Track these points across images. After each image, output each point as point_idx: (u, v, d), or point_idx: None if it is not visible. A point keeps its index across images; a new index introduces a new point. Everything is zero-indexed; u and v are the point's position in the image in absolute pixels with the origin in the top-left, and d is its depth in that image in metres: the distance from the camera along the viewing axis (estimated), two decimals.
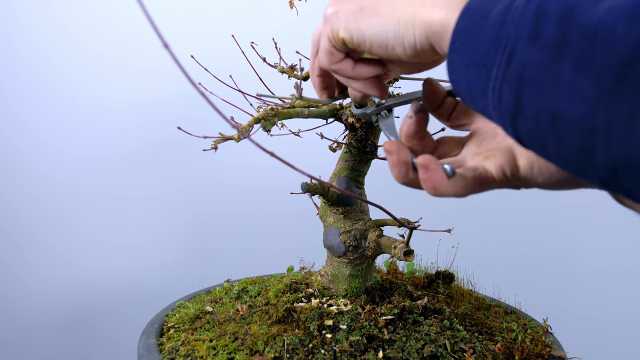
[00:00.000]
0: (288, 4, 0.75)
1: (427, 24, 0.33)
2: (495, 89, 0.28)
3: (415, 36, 0.34)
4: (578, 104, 0.23)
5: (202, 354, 0.63)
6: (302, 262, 1.00)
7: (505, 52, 0.27)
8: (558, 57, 0.24)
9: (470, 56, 0.29)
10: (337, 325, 0.67)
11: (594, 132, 0.23)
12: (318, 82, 0.48)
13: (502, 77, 0.27)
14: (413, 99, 0.47)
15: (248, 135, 0.40)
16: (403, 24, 0.34)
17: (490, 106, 0.29)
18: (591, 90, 0.23)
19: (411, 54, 0.35)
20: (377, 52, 0.37)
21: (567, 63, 0.24)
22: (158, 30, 0.29)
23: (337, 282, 0.77)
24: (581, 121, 0.23)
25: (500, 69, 0.27)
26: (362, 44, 0.37)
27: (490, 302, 0.89)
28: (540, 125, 0.26)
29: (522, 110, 0.26)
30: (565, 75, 0.24)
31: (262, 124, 0.56)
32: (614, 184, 0.24)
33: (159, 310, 0.81)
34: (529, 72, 0.25)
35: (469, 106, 0.33)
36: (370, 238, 0.74)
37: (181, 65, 0.30)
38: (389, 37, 0.35)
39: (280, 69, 0.72)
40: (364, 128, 0.73)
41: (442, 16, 0.32)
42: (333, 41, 0.39)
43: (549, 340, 0.73)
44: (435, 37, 0.33)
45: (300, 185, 0.70)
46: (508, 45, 0.26)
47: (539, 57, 0.25)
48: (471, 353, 0.64)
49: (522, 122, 0.27)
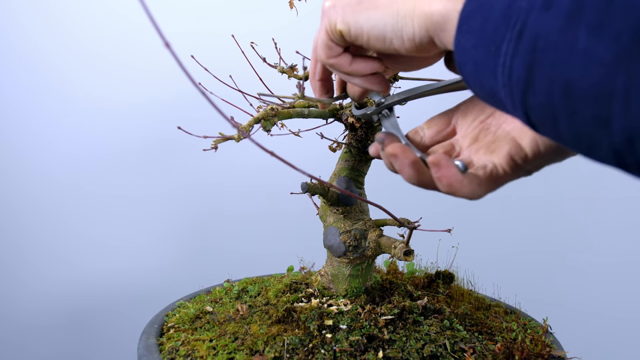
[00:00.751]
0: (288, 4, 0.75)
1: (426, 15, 0.33)
2: (506, 65, 0.27)
3: (414, 28, 0.34)
4: (595, 70, 0.23)
5: (202, 354, 0.63)
6: (302, 262, 1.00)
7: (516, 27, 0.26)
8: (573, 24, 0.24)
9: (478, 36, 0.29)
10: (337, 325, 0.67)
11: (611, 98, 0.23)
12: (318, 86, 0.48)
13: (513, 51, 0.26)
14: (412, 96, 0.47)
15: (248, 135, 0.40)
16: (402, 17, 0.34)
17: (499, 84, 0.28)
18: (609, 54, 0.22)
19: (409, 47, 0.35)
20: (375, 45, 0.37)
21: (582, 29, 0.23)
22: (159, 29, 0.29)
23: (337, 282, 0.77)
24: (598, 87, 0.23)
25: (511, 44, 0.27)
26: (360, 36, 0.37)
27: (490, 302, 0.89)
28: (552, 98, 0.25)
29: (533, 83, 0.26)
30: (580, 42, 0.23)
31: (262, 124, 0.56)
32: (628, 155, 0.24)
33: (159, 310, 0.81)
34: (542, 42, 0.25)
35: (475, 91, 0.32)
36: (370, 238, 0.74)
37: (182, 65, 0.30)
38: (387, 30, 0.35)
39: (280, 69, 0.72)
40: (364, 128, 0.73)
41: (442, 7, 0.32)
42: (331, 34, 0.39)
43: (549, 340, 0.73)
44: (435, 29, 0.33)
45: (300, 185, 0.70)
46: (519, 19, 0.26)
47: (553, 25, 0.24)
48: (471, 353, 0.64)
49: (532, 97, 0.26)
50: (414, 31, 0.34)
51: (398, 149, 0.37)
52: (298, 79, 0.73)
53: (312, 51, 0.47)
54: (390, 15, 0.35)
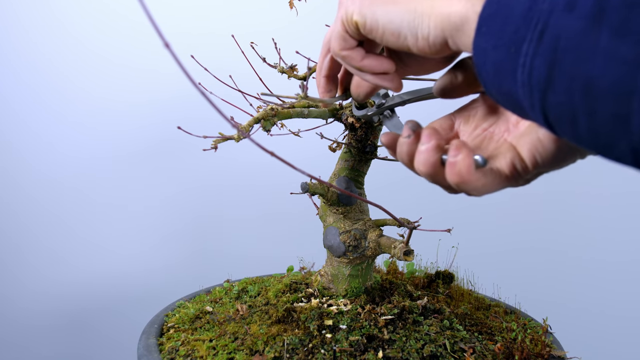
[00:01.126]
0: (288, 4, 0.75)
1: (444, 15, 0.33)
2: (526, 65, 0.28)
3: (430, 27, 0.34)
4: (616, 68, 0.24)
5: (202, 354, 0.63)
6: (302, 262, 1.00)
7: (537, 28, 0.27)
8: (595, 25, 0.24)
9: (498, 38, 0.29)
10: (337, 325, 0.67)
11: (631, 95, 0.23)
12: (323, 83, 0.48)
13: (534, 51, 0.27)
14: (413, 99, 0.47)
15: (248, 135, 0.40)
16: (419, 14, 0.34)
17: (518, 83, 0.29)
18: (631, 53, 0.23)
19: (422, 46, 0.35)
20: (389, 40, 0.37)
21: (605, 30, 0.24)
22: (159, 29, 0.29)
23: (337, 282, 0.77)
24: (618, 86, 0.24)
25: (532, 44, 0.27)
26: (375, 30, 0.37)
27: (490, 302, 0.89)
28: (572, 97, 0.26)
29: (553, 82, 0.27)
30: (602, 42, 0.24)
31: (262, 124, 0.56)
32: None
33: (159, 310, 0.81)
34: (564, 41, 0.25)
35: (492, 93, 0.32)
36: (370, 238, 0.74)
37: (182, 65, 0.30)
38: (403, 26, 0.35)
39: (280, 69, 0.72)
40: (363, 128, 0.73)
41: (460, 7, 0.32)
42: (346, 24, 0.39)
43: (549, 340, 0.73)
44: (452, 30, 0.33)
45: (300, 185, 0.70)
46: (540, 20, 0.27)
47: (575, 26, 0.25)
48: (471, 353, 0.64)
49: (552, 96, 0.27)
50: (429, 30, 0.34)
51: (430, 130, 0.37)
52: (298, 79, 0.73)
53: (322, 46, 0.46)
54: (407, 11, 0.35)
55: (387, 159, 0.80)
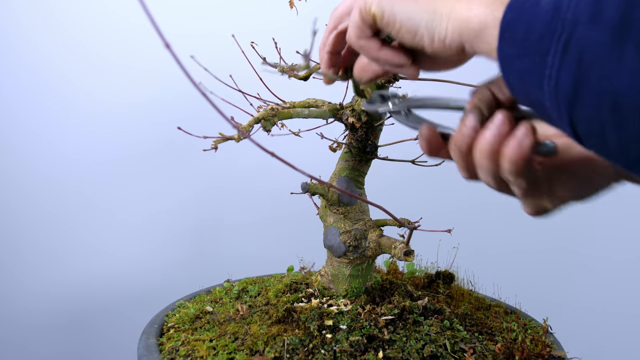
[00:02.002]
0: (288, 4, 0.75)
1: (463, 19, 0.33)
2: (552, 77, 0.27)
3: (447, 30, 0.34)
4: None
5: (202, 354, 0.63)
6: (302, 262, 1.00)
7: (562, 39, 0.26)
8: (620, 39, 0.24)
9: (522, 46, 0.29)
10: (337, 326, 0.67)
11: None
12: (326, 59, 0.48)
13: (560, 63, 0.26)
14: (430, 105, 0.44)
15: (248, 135, 0.40)
16: (438, 15, 0.34)
17: (545, 95, 0.28)
18: None
19: (437, 47, 0.35)
20: (404, 37, 0.36)
21: (629, 45, 0.23)
22: (159, 30, 0.29)
23: (337, 282, 0.77)
24: None
25: (557, 56, 0.26)
26: (392, 25, 0.37)
27: (490, 302, 0.89)
28: (600, 111, 0.25)
29: (580, 96, 0.26)
30: (627, 57, 0.24)
31: (262, 124, 0.56)
32: None
33: (159, 310, 0.81)
34: (589, 55, 0.25)
35: (521, 100, 0.32)
36: (371, 238, 0.74)
37: (182, 65, 0.30)
38: (420, 25, 0.35)
39: (280, 69, 0.72)
40: (364, 128, 0.73)
41: (481, 13, 0.32)
42: (364, 14, 0.38)
43: (549, 340, 0.73)
44: (470, 35, 0.33)
45: (301, 185, 0.70)
46: (565, 31, 0.26)
47: (599, 40, 0.24)
48: (471, 353, 0.64)
49: (580, 110, 0.26)
50: (446, 32, 0.34)
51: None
52: (298, 79, 0.73)
53: (330, 20, 0.46)
54: (427, 11, 0.35)
55: (387, 159, 0.80)
